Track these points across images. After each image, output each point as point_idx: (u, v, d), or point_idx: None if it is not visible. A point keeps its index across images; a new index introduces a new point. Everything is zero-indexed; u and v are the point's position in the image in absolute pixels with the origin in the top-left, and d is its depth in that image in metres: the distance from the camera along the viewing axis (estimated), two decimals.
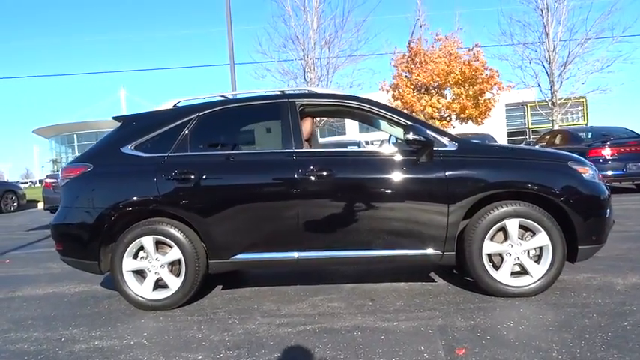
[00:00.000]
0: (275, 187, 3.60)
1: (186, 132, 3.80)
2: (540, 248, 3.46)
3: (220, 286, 4.25)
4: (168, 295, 3.68)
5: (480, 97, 17.54)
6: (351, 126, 56.83)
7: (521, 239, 3.49)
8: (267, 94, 3.95)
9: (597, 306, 3.20)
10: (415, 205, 3.50)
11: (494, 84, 17.53)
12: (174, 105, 4.01)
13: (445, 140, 3.58)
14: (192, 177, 3.62)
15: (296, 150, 3.63)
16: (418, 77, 17.44)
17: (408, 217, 3.50)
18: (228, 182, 3.67)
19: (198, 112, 3.87)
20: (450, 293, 3.65)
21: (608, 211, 3.53)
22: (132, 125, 3.95)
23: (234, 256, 3.64)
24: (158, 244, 3.71)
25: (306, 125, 3.91)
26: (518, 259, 3.48)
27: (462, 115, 17.66)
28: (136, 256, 3.72)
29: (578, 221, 3.42)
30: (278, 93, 3.94)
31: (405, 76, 18.41)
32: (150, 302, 3.69)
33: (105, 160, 3.84)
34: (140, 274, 3.76)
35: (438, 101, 17.57)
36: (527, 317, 3.07)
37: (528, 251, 3.49)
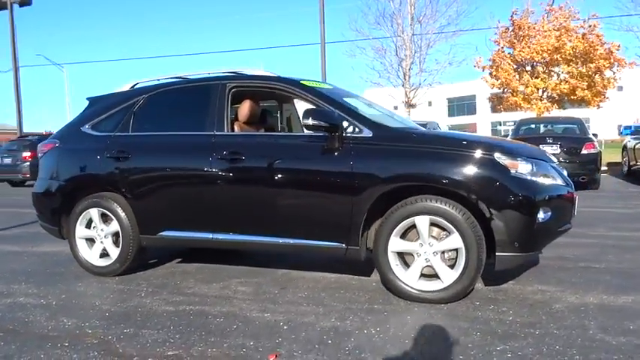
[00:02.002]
0: (193, 169, 3.65)
1: (132, 113, 4.02)
2: (457, 251, 3.05)
3: (179, 260, 4.47)
4: (109, 264, 3.97)
5: (596, 77, 15.33)
6: (482, 106, 54.11)
7: (437, 239, 3.11)
8: (203, 76, 3.97)
9: (499, 324, 2.74)
10: (320, 194, 3.31)
11: (615, 60, 15.15)
12: (132, 86, 4.25)
13: (360, 126, 3.29)
14: (127, 156, 3.83)
15: (216, 133, 3.63)
16: (521, 53, 15.78)
17: (313, 206, 3.32)
18: (154, 162, 3.81)
19: (144, 94, 4.05)
20: (367, 291, 3.39)
21: (542, 215, 2.96)
22: (94, 106, 4.28)
23: (161, 233, 3.79)
24: (105, 216, 4.01)
25: (244, 107, 3.87)
26: (429, 260, 3.11)
27: (572, 97, 15.62)
28: (88, 226, 4.07)
29: (496, 224, 2.94)
30: (215, 74, 3.94)
31: (508, 53, 16.79)
32: (96, 268, 4.02)
33: (68, 137, 4.23)
34: (92, 242, 4.12)
35: (543, 80, 15.75)
36: (408, 325, 2.75)
37: (443, 253, 3.09)
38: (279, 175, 3.39)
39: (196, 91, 3.89)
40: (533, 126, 10.35)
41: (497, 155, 2.98)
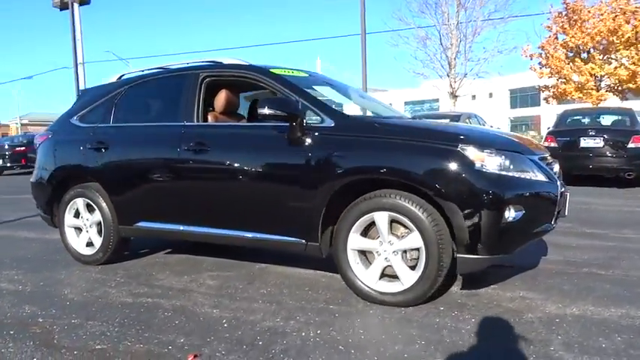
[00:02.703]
0: (163, 161, 3.59)
1: (114, 104, 4.04)
2: (418, 251, 2.80)
3: (168, 250, 4.47)
4: (93, 253, 4.03)
5: None
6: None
7: (398, 238, 2.87)
8: (181, 66, 3.90)
9: (452, 333, 2.48)
10: (279, 187, 3.15)
11: None
12: (119, 78, 4.26)
13: (323, 115, 3.09)
14: (106, 147, 3.85)
15: (186, 123, 3.56)
16: (573, 38, 14.65)
17: (273, 199, 3.17)
18: (129, 153, 3.80)
19: (125, 86, 4.06)
20: (332, 290, 3.20)
21: (512, 214, 2.65)
22: (83, 97, 4.35)
23: (137, 224, 3.79)
24: (90, 206, 4.06)
25: (220, 97, 3.77)
26: (389, 260, 2.88)
27: (631, 85, 14.32)
28: (76, 215, 4.15)
29: (458, 223, 2.66)
30: (191, 64, 3.86)
31: (561, 40, 15.66)
32: (82, 257, 4.10)
33: (59, 129, 4.33)
34: (80, 231, 4.19)
35: (600, 67, 14.54)
36: (351, 329, 2.55)
37: (405, 253, 2.85)
38: (241, 167, 3.27)
39: (171, 82, 3.84)
40: (577, 118, 9.55)
41: (461, 147, 2.69)
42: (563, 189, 3.08)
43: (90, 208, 4.04)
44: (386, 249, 2.87)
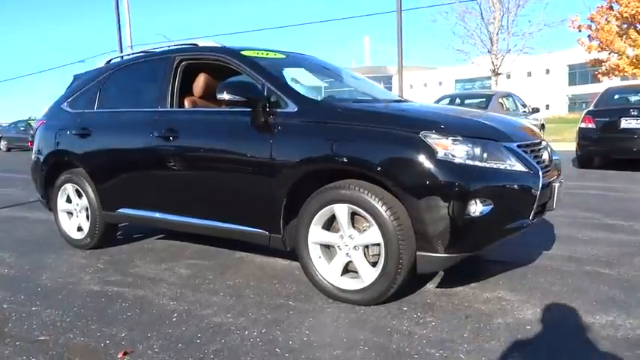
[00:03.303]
0: (138, 148, 3.51)
1: (99, 89, 4.01)
2: (380, 246, 2.58)
3: (161, 235, 4.45)
4: (82, 238, 4.07)
5: None
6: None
7: (360, 232, 2.67)
8: (159, 50, 3.79)
9: (402, 339, 2.27)
10: (242, 175, 3.01)
11: None
12: (107, 62, 4.22)
13: (286, 99, 2.90)
14: (88, 133, 3.84)
15: (160, 109, 3.47)
16: (627, 7, 13.42)
17: (237, 188, 3.04)
18: (109, 140, 3.76)
19: (110, 71, 4.01)
20: (302, 284, 3.03)
21: (478, 208, 2.37)
22: (74, 82, 4.34)
23: (119, 210, 3.77)
24: (79, 191, 4.08)
25: (198, 81, 3.64)
26: (350, 255, 2.69)
27: None
28: (69, 200, 4.19)
29: (416, 217, 2.42)
30: (168, 48, 3.75)
31: (614, 11, 14.41)
32: (73, 241, 4.14)
33: (52, 115, 4.36)
34: (72, 215, 4.23)
35: None
36: (297, 330, 2.40)
37: (367, 248, 2.65)
38: (207, 154, 3.15)
39: (149, 66, 3.74)
40: (623, 96, 8.76)
41: (423, 134, 2.43)
42: (551, 180, 2.76)
43: (79, 194, 4.06)
44: (347, 243, 2.68)
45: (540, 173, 2.58)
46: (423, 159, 2.39)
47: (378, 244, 2.55)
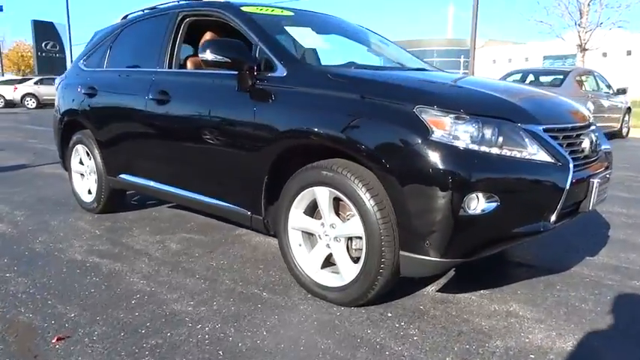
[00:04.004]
0: (135, 110, 3.28)
1: (109, 47, 3.82)
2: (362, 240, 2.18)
3: (170, 205, 4.28)
4: (90, 201, 3.97)
5: None
6: None
7: (344, 220, 2.28)
8: (165, 5, 3.48)
9: (369, 353, 1.89)
10: (228, 147, 2.68)
11: None
12: (123, 17, 4.01)
13: (276, 62, 2.51)
14: (94, 93, 3.67)
15: (157, 69, 3.21)
16: None
17: (223, 161, 2.72)
18: (110, 101, 3.56)
19: (121, 27, 3.80)
20: (285, 272, 2.68)
21: (479, 204, 1.89)
22: (92, 40, 4.18)
23: (120, 175, 3.60)
24: (89, 153, 3.97)
25: (204, 40, 3.31)
26: (330, 247, 2.31)
27: None
28: (82, 162, 4.11)
29: (400, 208, 1.99)
30: (174, 3, 3.43)
31: None
32: (83, 204, 4.06)
33: (70, 72, 4.26)
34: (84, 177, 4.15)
35: None
36: (253, 333, 2.08)
37: (350, 241, 2.26)
38: (192, 121, 2.86)
39: (153, 23, 3.47)
40: None
41: (419, 108, 1.96)
42: (591, 174, 2.19)
43: (89, 156, 3.96)
44: (328, 233, 2.30)
45: (571, 165, 2.03)
46: (412, 139, 1.93)
47: (361, 238, 2.15)
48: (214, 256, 2.99)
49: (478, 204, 1.90)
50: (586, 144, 2.26)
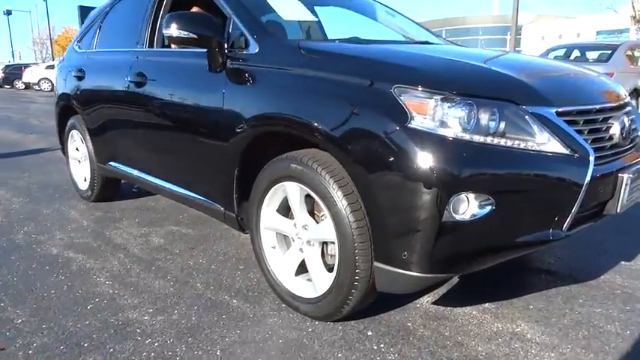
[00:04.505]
0: (118, 93, 3.02)
1: (99, 27, 3.59)
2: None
3: None
4: (85, 189, 3.81)
5: None
6: None
7: (318, 222, 1.95)
8: None
9: None
10: (198, 134, 2.39)
11: None
12: None
13: (250, 38, 2.17)
14: (83, 76, 3.47)
15: (137, 49, 2.94)
16: None
17: (195, 149, 2.44)
18: (96, 84, 3.33)
19: (111, 5, 3.55)
20: (261, 272, 2.43)
21: (471, 210, 1.52)
22: (86, 20, 3.96)
23: (109, 163, 3.39)
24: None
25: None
26: (303, 251, 1.99)
27: None
28: (77, 148, 3.93)
29: (375, 213, 1.64)
30: None
31: None
32: (79, 192, 3.90)
33: (66, 54, 4.07)
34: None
35: None
36: (209, 342, 1.81)
37: (325, 245, 1.93)
38: (167, 105, 2.58)
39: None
40: None
41: (397, 88, 1.60)
42: (619, 168, 1.76)
43: (83, 142, 3.78)
44: (300, 235, 1.98)
45: (592, 157, 1.62)
46: (387, 127, 1.57)
47: (334, 243, 1.82)
48: (195, 253, 2.74)
49: (468, 207, 1.52)
50: (615, 129, 1.82)
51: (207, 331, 1.92)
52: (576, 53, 9.38)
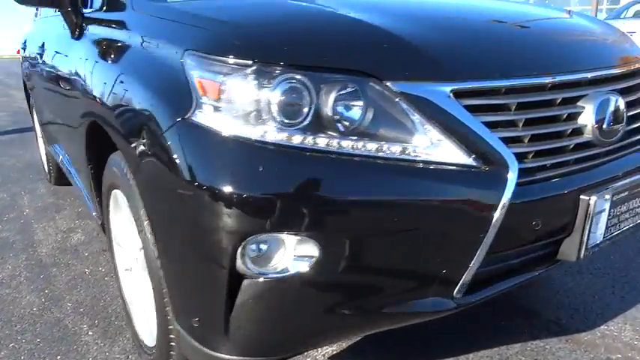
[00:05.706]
0: (41, 66, 2.56)
1: None
2: None
3: None
4: (47, 170, 3.53)
5: None
6: None
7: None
8: None
9: None
10: (61, 122, 1.94)
11: None
12: None
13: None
14: (26, 47, 3.12)
15: (51, 15, 2.51)
16: None
17: (61, 136, 1.99)
18: (30, 55, 2.95)
19: None
20: None
21: (283, 263, 0.91)
22: None
23: (53, 145, 3.04)
24: None
25: None
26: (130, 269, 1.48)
27: None
28: None
29: (161, 249, 1.07)
30: None
31: None
32: (45, 175, 3.64)
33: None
34: None
35: None
36: None
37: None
38: (51, 79, 2.13)
39: None
40: None
41: (189, 58, 0.99)
42: (575, 185, 1.04)
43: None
44: (138, 258, 1.46)
45: (512, 171, 0.92)
46: (165, 117, 0.98)
47: None
48: (102, 258, 2.32)
49: (274, 258, 0.91)
50: (588, 117, 1.07)
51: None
52: None
